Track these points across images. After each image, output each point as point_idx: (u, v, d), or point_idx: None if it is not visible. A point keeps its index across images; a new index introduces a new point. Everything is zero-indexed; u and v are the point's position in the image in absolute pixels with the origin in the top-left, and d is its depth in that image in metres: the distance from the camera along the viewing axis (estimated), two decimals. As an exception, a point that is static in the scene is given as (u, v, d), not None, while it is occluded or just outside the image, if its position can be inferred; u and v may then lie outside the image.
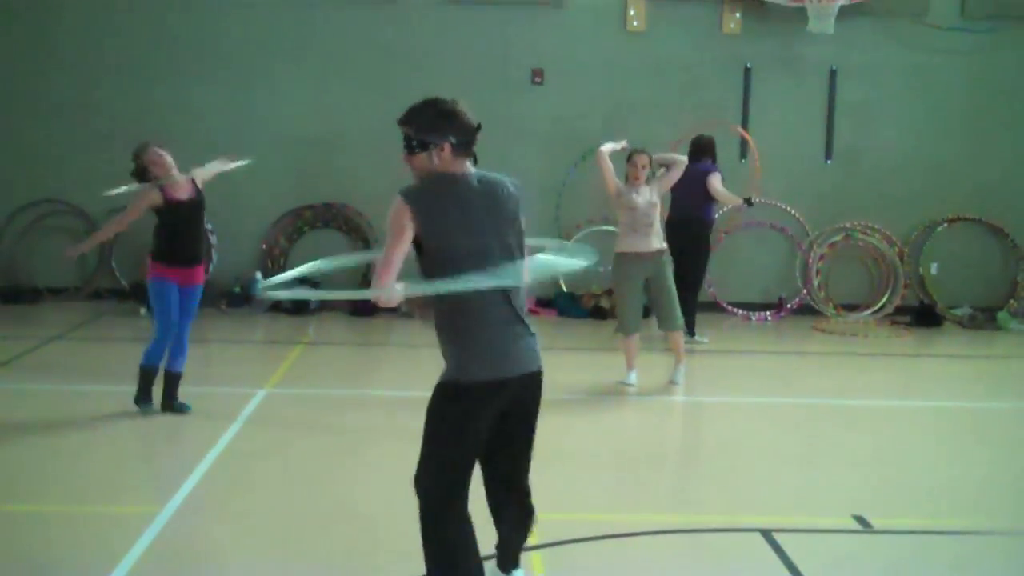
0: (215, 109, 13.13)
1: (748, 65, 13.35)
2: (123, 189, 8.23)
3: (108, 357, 10.28)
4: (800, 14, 12.80)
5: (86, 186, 13.17)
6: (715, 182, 10.96)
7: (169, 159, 7.83)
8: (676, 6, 13.23)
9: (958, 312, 13.40)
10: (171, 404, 7.86)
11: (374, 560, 5.15)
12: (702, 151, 11.22)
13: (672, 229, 10.74)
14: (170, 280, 7.72)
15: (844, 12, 12.80)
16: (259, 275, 13.07)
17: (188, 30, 13.24)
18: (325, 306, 13.09)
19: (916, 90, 13.52)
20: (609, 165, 8.90)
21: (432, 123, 4.24)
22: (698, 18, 13.33)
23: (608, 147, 9.05)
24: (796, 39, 13.09)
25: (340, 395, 8.79)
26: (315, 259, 10.46)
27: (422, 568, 4.35)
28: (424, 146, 4.23)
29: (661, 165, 9.43)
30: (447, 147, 4.22)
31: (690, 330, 11.15)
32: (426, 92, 14.06)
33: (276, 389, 8.79)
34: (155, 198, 7.74)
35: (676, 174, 9.31)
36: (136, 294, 12.58)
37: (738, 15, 13.28)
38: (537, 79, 13.32)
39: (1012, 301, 13.57)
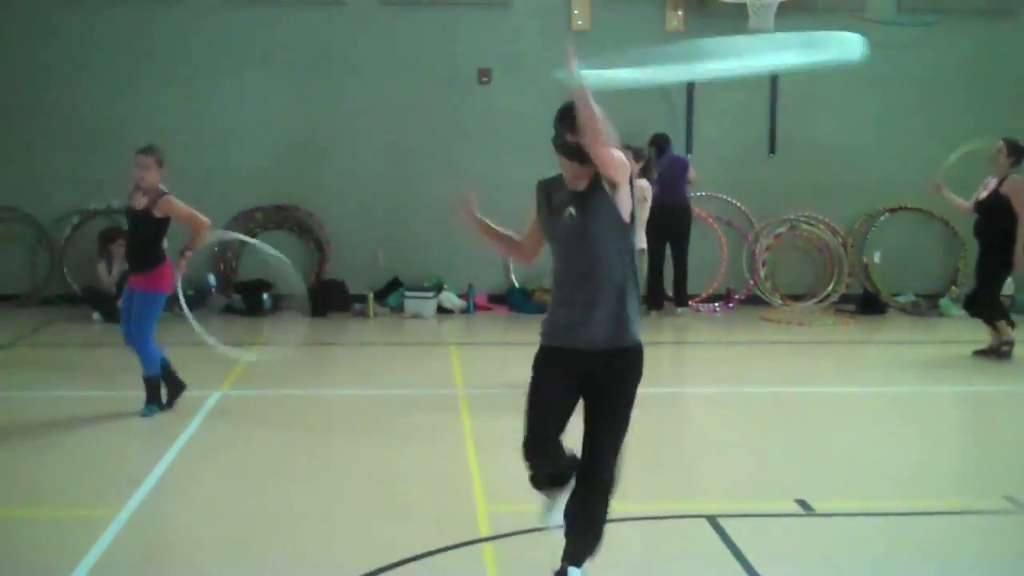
0: (165, 112, 13.13)
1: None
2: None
3: (64, 362, 10.30)
4: (741, 11, 13.01)
5: (36, 192, 13.18)
6: (693, 170, 12.57)
7: (145, 169, 7.96)
8: (620, 5, 13.42)
9: (901, 299, 13.70)
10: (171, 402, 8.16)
11: (329, 558, 5.25)
12: (667, 145, 12.47)
13: (667, 216, 11.85)
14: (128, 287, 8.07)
15: (784, 8, 13.02)
16: (212, 278, 13.12)
17: (139, 34, 13.25)
18: (279, 306, 13.14)
19: (857, 83, 13.76)
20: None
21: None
22: (642, 16, 13.51)
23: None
24: (738, 36, 13.28)
25: (294, 395, 8.87)
26: (267, 261, 10.51)
27: (376, 563, 4.46)
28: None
29: None
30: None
31: (684, 302, 12.90)
32: (375, 95, 14.32)
33: (231, 391, 8.87)
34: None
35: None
36: (89, 299, 12.57)
37: (680, 13, 13.50)
38: (484, 79, 13.45)
39: (953, 288, 13.89)
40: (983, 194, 10.38)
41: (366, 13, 13.42)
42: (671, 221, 12.27)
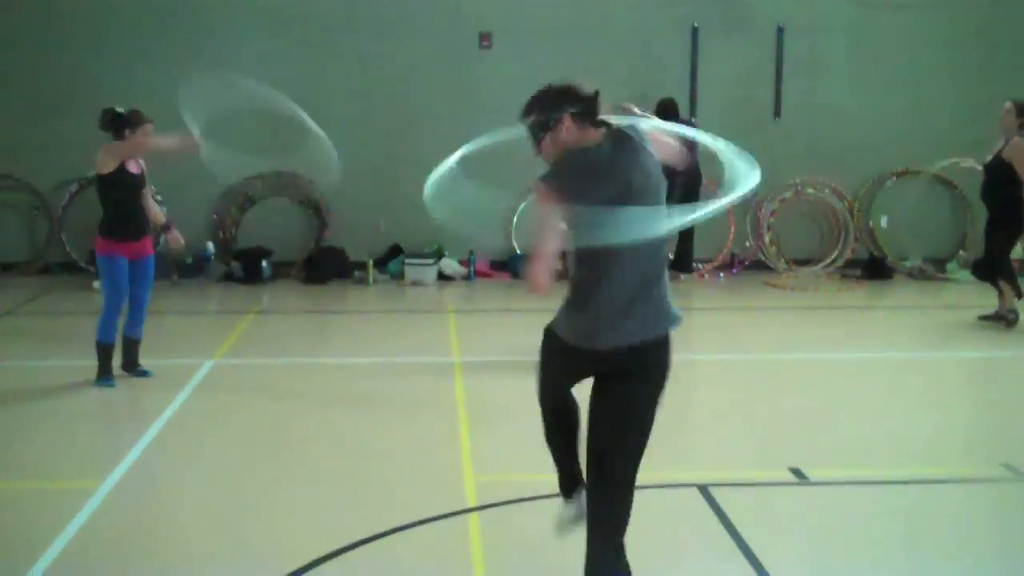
0: (163, 79, 12.96)
1: (695, 25, 13.36)
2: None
3: (59, 331, 10.25)
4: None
5: (33, 160, 13.09)
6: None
7: (148, 140, 7.84)
8: (623, -30, 13.23)
9: (908, 264, 13.54)
10: (133, 369, 8.00)
11: (314, 530, 5.17)
12: (674, 111, 12.01)
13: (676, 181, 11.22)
14: (119, 255, 7.70)
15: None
16: (211, 245, 13.03)
17: (136, 3, 13.11)
18: (278, 274, 13.05)
19: (862, 46, 13.60)
20: None
21: (546, 104, 4.08)
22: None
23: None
24: (743, -3, 13.14)
25: (287, 363, 8.79)
26: (265, 228, 10.32)
27: (363, 533, 4.38)
28: (544, 127, 4.08)
29: None
30: (567, 119, 4.03)
31: (689, 268, 12.87)
32: (374, 59, 14.16)
33: (224, 359, 8.79)
34: (114, 161, 7.68)
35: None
36: (92, 266, 12.52)
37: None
38: (485, 43, 13.28)
39: (961, 252, 13.73)
40: (988, 157, 10.20)
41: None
42: (681, 187, 11.98)
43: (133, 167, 7.84)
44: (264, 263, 12.94)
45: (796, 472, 5.99)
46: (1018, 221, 9.99)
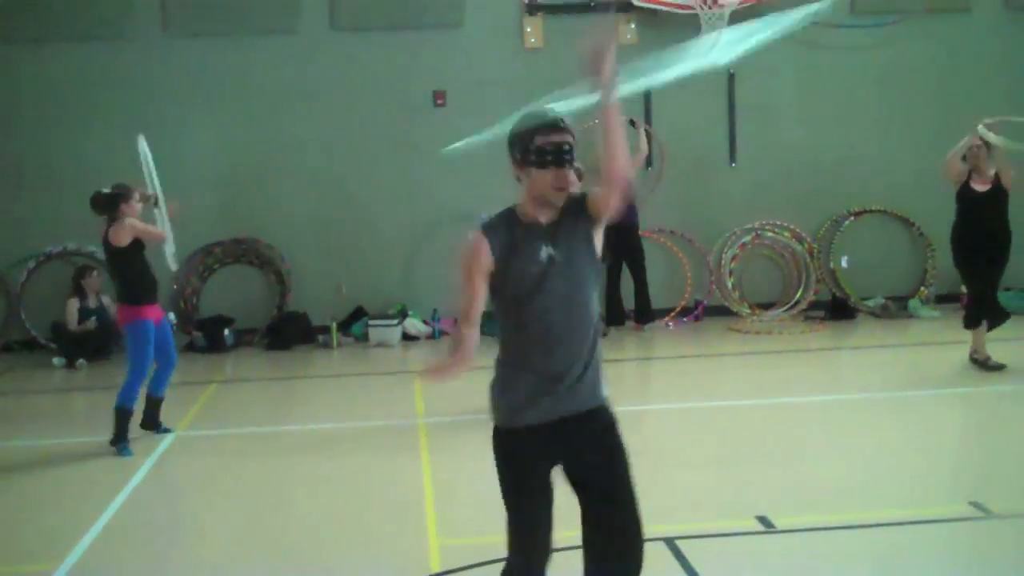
0: (117, 152, 12.94)
1: (647, 74, 13.46)
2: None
3: (16, 411, 10.10)
4: (694, 21, 12.97)
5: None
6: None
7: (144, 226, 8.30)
8: (571, 21, 13.30)
9: (871, 303, 13.60)
10: (156, 427, 8.44)
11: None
12: None
13: (620, 231, 11.52)
14: (146, 319, 8.06)
15: (737, 16, 12.94)
16: (172, 315, 12.91)
17: (90, 74, 13.10)
18: (241, 342, 12.95)
19: (815, 88, 13.74)
20: None
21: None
22: (594, 31, 13.39)
23: None
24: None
25: (250, 433, 8.69)
26: (227, 296, 10.27)
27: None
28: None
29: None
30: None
31: (648, 318, 12.82)
32: (329, 122, 14.13)
33: (187, 431, 8.68)
34: (128, 235, 8.11)
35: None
36: (55, 339, 12.39)
37: (633, 26, 13.41)
38: (439, 101, 13.34)
39: (923, 288, 13.79)
40: (981, 188, 9.89)
41: (318, 40, 13.30)
42: (623, 237, 12.05)
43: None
44: (227, 331, 12.85)
45: (763, 520, 5.94)
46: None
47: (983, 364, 9.73)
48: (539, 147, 3.77)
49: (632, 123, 12.05)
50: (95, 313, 12.28)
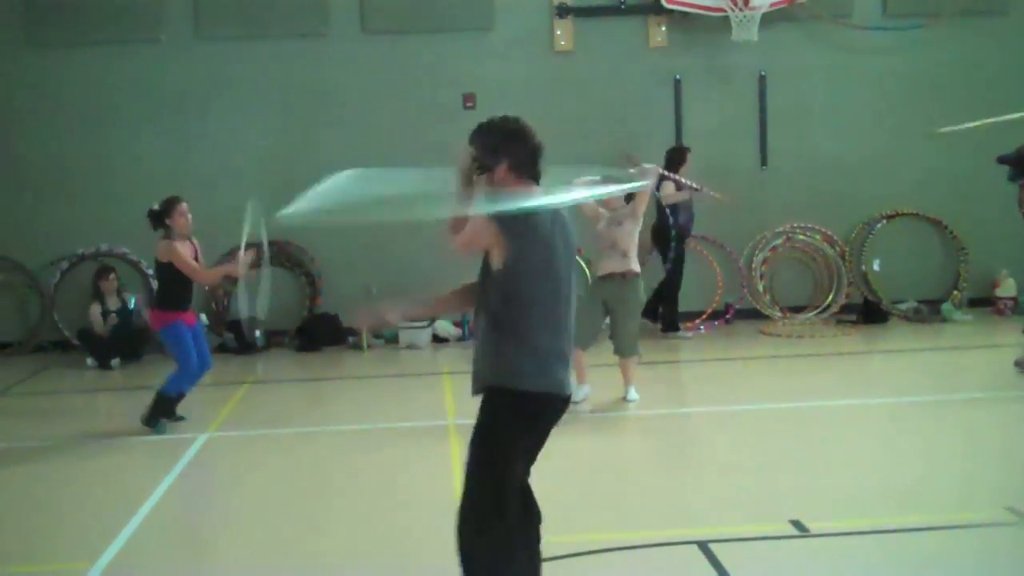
0: (149, 155, 13.08)
1: (678, 77, 13.45)
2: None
3: (51, 410, 10.18)
4: (724, 23, 12.93)
5: (24, 240, 13.10)
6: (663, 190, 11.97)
7: (190, 218, 8.75)
8: (602, 23, 13.33)
9: (903, 307, 13.50)
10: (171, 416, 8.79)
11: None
12: (669, 160, 12.17)
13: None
14: (183, 323, 8.62)
15: (768, 19, 12.94)
16: (203, 317, 12.98)
17: (121, 76, 13.19)
18: (272, 343, 13.00)
19: (846, 90, 13.66)
20: (592, 207, 8.86)
21: (488, 144, 4.25)
22: (624, 34, 13.43)
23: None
24: (723, 48, 13.22)
25: (282, 434, 8.71)
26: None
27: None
28: (481, 168, 4.24)
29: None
30: (504, 169, 4.22)
31: (675, 327, 12.62)
32: (359, 124, 14.06)
33: (218, 432, 8.72)
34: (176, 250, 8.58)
35: (642, 200, 8.97)
36: (83, 344, 12.47)
37: (663, 28, 13.39)
38: (469, 104, 13.34)
39: (955, 292, 13.69)
40: None
41: (349, 43, 13.34)
42: (661, 243, 12.38)
43: (188, 250, 8.71)
44: (257, 332, 12.89)
45: (797, 524, 5.91)
46: None
47: None
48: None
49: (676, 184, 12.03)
50: (116, 312, 12.37)
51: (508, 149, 4.21)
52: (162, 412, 8.59)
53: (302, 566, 5.65)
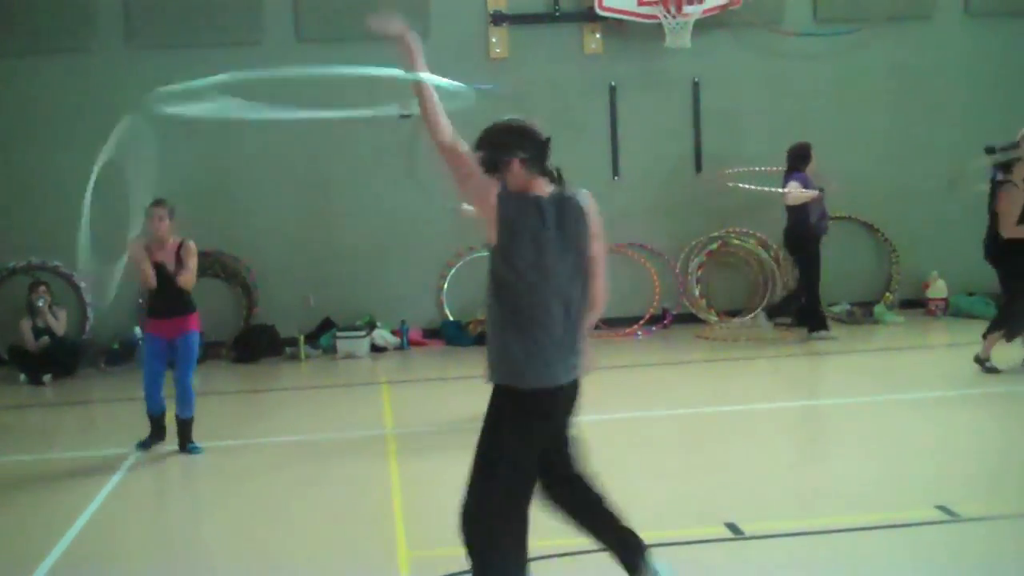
0: (79, 168, 12.85)
1: (613, 84, 13.53)
2: None
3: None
4: (658, 30, 13.04)
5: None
6: (790, 190, 11.98)
7: (160, 220, 8.36)
8: (537, 30, 13.38)
9: (837, 309, 13.66)
10: (186, 447, 8.24)
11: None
12: (792, 159, 12.20)
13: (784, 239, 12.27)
14: (151, 333, 8.31)
15: (701, 25, 13.06)
16: (138, 330, 12.81)
17: (44, 88, 12.99)
18: (208, 355, 12.84)
19: (778, 95, 13.81)
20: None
21: (496, 143, 4.32)
22: (559, 41, 13.48)
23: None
24: (657, 55, 13.33)
25: (217, 446, 8.59)
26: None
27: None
28: (495, 166, 4.28)
29: None
30: (516, 163, 4.28)
31: (811, 327, 12.26)
32: (294, 134, 13.94)
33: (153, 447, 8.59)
34: (139, 252, 8.22)
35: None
36: (15, 360, 12.23)
37: (598, 35, 13.47)
38: (405, 112, 13.27)
39: (888, 294, 13.89)
40: None
41: (283, 51, 13.23)
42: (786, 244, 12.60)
43: (160, 255, 8.34)
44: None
45: (732, 527, 5.95)
46: None
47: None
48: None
49: None
50: (45, 332, 12.15)
51: (521, 145, 4.29)
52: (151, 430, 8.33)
53: (232, 570, 5.59)
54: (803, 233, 12.15)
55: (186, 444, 8.25)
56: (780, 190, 12.06)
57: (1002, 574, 5.34)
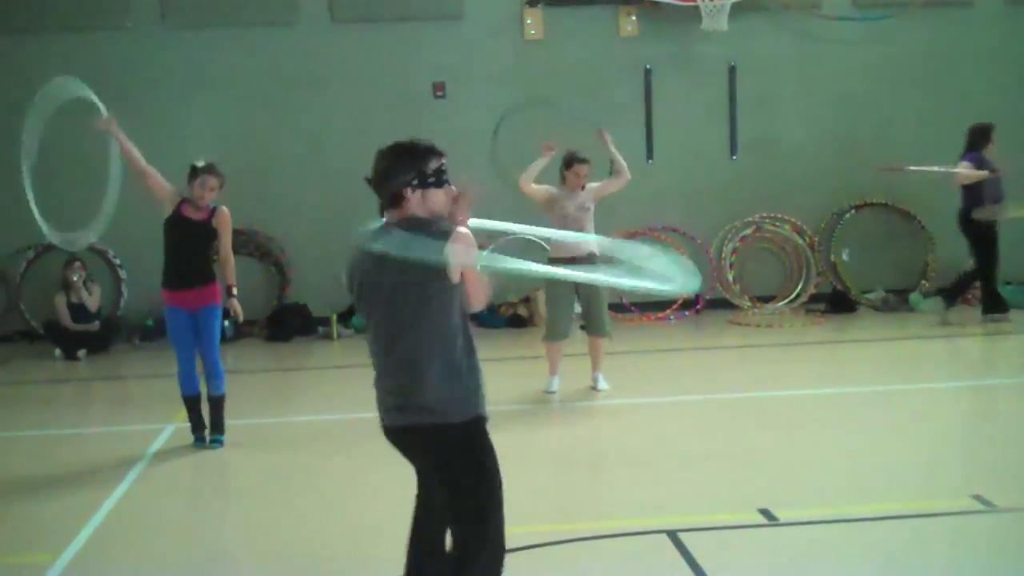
0: (110, 141, 12.91)
1: (648, 67, 13.45)
2: None
3: (18, 401, 10.07)
4: (695, 13, 12.94)
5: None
6: (959, 170, 11.78)
7: (211, 190, 7.72)
8: (572, 12, 13.30)
9: (871, 296, 13.56)
10: (216, 431, 7.82)
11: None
12: (971, 139, 11.95)
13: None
14: (173, 305, 7.62)
15: (738, 8, 12.96)
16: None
17: (90, 64, 13.00)
18: (241, 333, 12.89)
19: (815, 80, 13.70)
20: (536, 189, 9.01)
21: (385, 176, 4.24)
22: (595, 23, 13.41)
23: (532, 173, 9.11)
24: (693, 38, 13.23)
25: (251, 424, 8.64)
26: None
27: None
28: (391, 203, 4.23)
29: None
30: (408, 192, 4.15)
31: (985, 308, 12.01)
32: (328, 113, 13.97)
33: (186, 423, 8.63)
34: (171, 199, 7.70)
35: (614, 183, 9.30)
36: (49, 335, 12.34)
37: (634, 18, 13.39)
38: (439, 93, 13.30)
39: (923, 282, 13.76)
40: None
41: (318, 31, 13.26)
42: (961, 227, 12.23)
43: (192, 212, 7.69)
44: (226, 323, 12.79)
45: (765, 513, 5.93)
46: None
47: None
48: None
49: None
50: (79, 309, 12.22)
51: (405, 170, 4.18)
52: (190, 419, 7.86)
53: (265, 562, 5.60)
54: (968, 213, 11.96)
55: (218, 426, 7.92)
56: (951, 169, 11.89)
57: (1039, 565, 5.30)
